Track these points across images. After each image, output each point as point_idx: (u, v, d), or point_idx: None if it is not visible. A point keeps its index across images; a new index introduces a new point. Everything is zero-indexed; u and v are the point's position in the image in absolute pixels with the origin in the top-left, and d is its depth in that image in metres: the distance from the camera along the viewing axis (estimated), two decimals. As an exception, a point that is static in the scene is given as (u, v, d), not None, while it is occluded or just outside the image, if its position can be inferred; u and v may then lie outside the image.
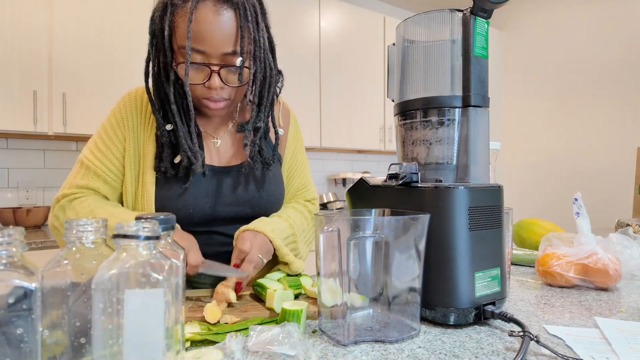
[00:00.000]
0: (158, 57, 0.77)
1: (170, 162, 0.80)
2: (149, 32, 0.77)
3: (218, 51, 0.71)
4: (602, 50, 3.17)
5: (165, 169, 0.79)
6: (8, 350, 0.33)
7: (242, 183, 0.85)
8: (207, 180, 0.83)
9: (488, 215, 0.58)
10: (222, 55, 0.72)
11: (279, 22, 2.64)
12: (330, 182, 3.29)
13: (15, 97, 1.88)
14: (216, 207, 0.83)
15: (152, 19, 0.76)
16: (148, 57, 0.79)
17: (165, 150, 0.79)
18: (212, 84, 0.74)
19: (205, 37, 0.70)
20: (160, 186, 0.81)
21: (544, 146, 3.55)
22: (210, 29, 0.70)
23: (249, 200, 0.85)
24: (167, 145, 0.79)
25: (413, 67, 0.64)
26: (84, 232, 0.38)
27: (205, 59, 0.72)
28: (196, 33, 0.69)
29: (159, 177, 0.81)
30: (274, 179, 0.90)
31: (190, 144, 0.77)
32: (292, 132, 0.98)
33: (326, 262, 0.52)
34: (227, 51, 0.72)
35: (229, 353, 0.46)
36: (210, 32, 0.70)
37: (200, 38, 0.70)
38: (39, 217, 2.03)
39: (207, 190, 0.82)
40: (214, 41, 0.70)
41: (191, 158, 0.77)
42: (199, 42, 0.70)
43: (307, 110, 2.78)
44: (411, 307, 0.53)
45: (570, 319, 0.61)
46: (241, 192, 0.85)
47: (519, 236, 1.15)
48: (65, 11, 1.98)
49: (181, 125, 0.77)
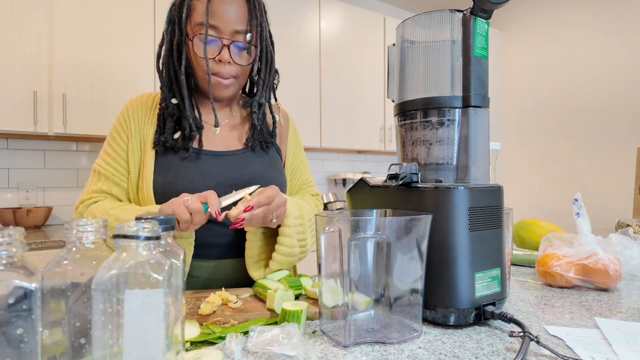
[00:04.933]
0: (172, 40, 0.85)
1: (171, 135, 0.85)
2: (166, 21, 0.86)
3: (230, 28, 0.81)
4: (602, 50, 3.17)
5: (165, 139, 0.84)
6: (8, 350, 0.33)
7: (240, 166, 0.88)
8: (206, 162, 0.86)
9: (488, 216, 0.58)
10: (233, 32, 0.81)
11: (279, 22, 2.64)
12: (330, 183, 3.29)
13: (16, 98, 1.88)
14: (214, 188, 0.83)
15: (170, 9, 0.85)
16: (161, 42, 0.88)
17: (167, 124, 0.85)
18: (222, 56, 0.82)
19: (220, 15, 0.80)
20: (160, 162, 0.84)
21: (544, 146, 3.55)
22: (225, 8, 0.80)
23: (248, 182, 0.86)
24: (170, 119, 0.85)
25: (413, 68, 0.64)
26: (84, 232, 0.38)
27: (218, 34, 0.81)
28: (212, 10, 0.80)
29: (159, 150, 0.85)
30: (274, 167, 0.93)
31: (194, 114, 0.85)
32: (292, 133, 1.02)
33: (327, 262, 0.52)
34: (238, 29, 0.82)
35: (229, 353, 0.46)
36: (225, 11, 0.80)
37: (216, 15, 0.80)
38: (39, 217, 2.03)
39: (206, 170, 0.85)
40: (227, 18, 0.80)
41: (192, 126, 0.84)
42: (214, 17, 0.80)
43: (307, 110, 2.77)
44: (413, 309, 0.53)
45: (571, 320, 0.61)
46: (239, 174, 0.87)
47: (519, 236, 1.15)
48: (66, 11, 1.98)
49: (187, 97, 0.84)
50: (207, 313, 0.59)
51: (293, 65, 2.71)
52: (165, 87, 0.86)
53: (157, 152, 0.86)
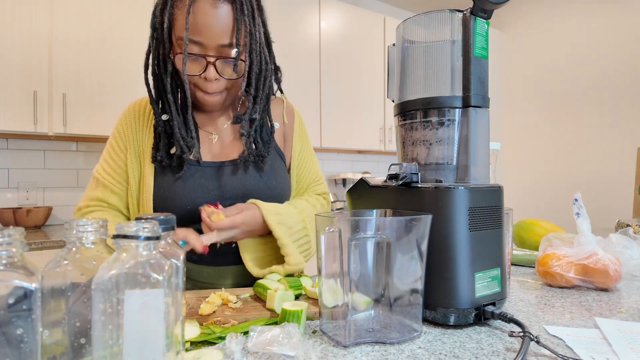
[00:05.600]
0: (157, 50, 0.79)
1: (167, 152, 0.82)
2: (150, 26, 0.79)
3: (214, 42, 0.73)
4: (602, 51, 3.17)
5: (161, 157, 0.81)
6: (8, 350, 0.33)
7: (239, 176, 0.85)
8: (204, 174, 0.84)
9: (488, 216, 0.58)
10: (218, 46, 0.74)
11: (279, 22, 2.64)
12: (331, 183, 3.29)
13: (16, 98, 1.88)
14: (213, 201, 0.83)
15: (153, 12, 0.78)
16: (148, 50, 0.81)
17: (161, 140, 0.82)
18: (208, 74, 0.76)
19: (203, 29, 0.72)
20: (158, 179, 0.83)
21: (544, 146, 3.55)
22: (208, 21, 0.72)
23: (247, 194, 0.85)
24: (163, 135, 0.82)
25: (413, 68, 0.64)
26: (84, 233, 0.38)
27: (202, 51, 0.74)
28: (194, 24, 0.72)
29: (156, 167, 0.83)
30: (274, 173, 0.89)
31: (184, 133, 0.79)
32: (297, 129, 0.98)
33: (327, 262, 0.52)
34: (223, 43, 0.74)
35: (229, 353, 0.46)
36: (208, 24, 0.72)
37: (198, 29, 0.72)
38: (39, 217, 2.03)
39: (205, 183, 0.83)
40: (210, 33, 0.72)
41: (183, 147, 0.79)
42: (196, 33, 0.72)
43: (307, 110, 2.77)
44: (413, 309, 0.53)
45: (571, 320, 0.61)
46: (238, 185, 0.85)
47: (519, 236, 1.15)
48: (66, 12, 1.98)
49: (176, 115, 0.79)
50: (207, 313, 0.59)
51: (293, 66, 2.71)
52: (154, 104, 0.81)
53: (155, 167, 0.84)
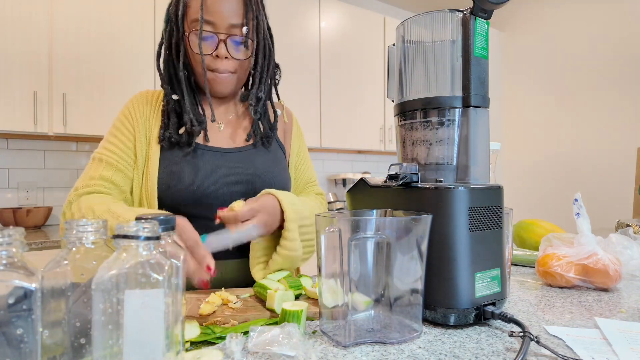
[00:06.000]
0: (170, 39, 0.86)
1: (176, 131, 0.85)
2: (164, 20, 0.88)
3: (226, 22, 0.81)
4: (602, 51, 3.17)
5: (170, 134, 0.84)
6: (8, 350, 0.33)
7: (245, 163, 0.89)
8: (211, 157, 0.86)
9: (488, 216, 0.58)
10: (229, 26, 0.82)
11: (279, 22, 2.64)
12: (330, 183, 3.29)
13: (16, 98, 1.88)
14: (219, 185, 0.85)
15: (168, 8, 0.86)
16: (161, 41, 0.89)
17: (171, 119, 0.86)
18: (219, 52, 0.82)
19: (215, 9, 0.81)
20: (165, 159, 0.84)
21: (544, 146, 3.55)
22: (220, 2, 0.81)
23: (251, 180, 0.87)
24: (173, 114, 0.86)
25: (413, 68, 0.64)
26: (84, 233, 0.38)
27: (214, 29, 0.82)
28: (207, 5, 0.81)
29: (164, 146, 0.85)
30: (277, 164, 0.93)
31: (194, 109, 0.86)
32: (296, 130, 1.04)
33: (327, 262, 0.52)
34: (234, 22, 0.82)
35: (229, 353, 0.46)
36: (220, 5, 0.81)
37: (211, 10, 0.81)
38: (39, 217, 2.03)
39: (211, 165, 0.85)
40: (222, 12, 0.81)
41: (193, 121, 0.84)
42: (209, 13, 0.81)
43: (307, 110, 2.77)
44: (413, 309, 0.53)
45: (571, 320, 0.61)
46: (243, 170, 0.87)
47: (519, 236, 1.15)
48: (66, 11, 1.98)
49: (187, 93, 0.86)
50: (207, 313, 0.59)
51: (293, 66, 2.71)
52: (165, 84, 0.87)
53: (162, 147, 0.86)
